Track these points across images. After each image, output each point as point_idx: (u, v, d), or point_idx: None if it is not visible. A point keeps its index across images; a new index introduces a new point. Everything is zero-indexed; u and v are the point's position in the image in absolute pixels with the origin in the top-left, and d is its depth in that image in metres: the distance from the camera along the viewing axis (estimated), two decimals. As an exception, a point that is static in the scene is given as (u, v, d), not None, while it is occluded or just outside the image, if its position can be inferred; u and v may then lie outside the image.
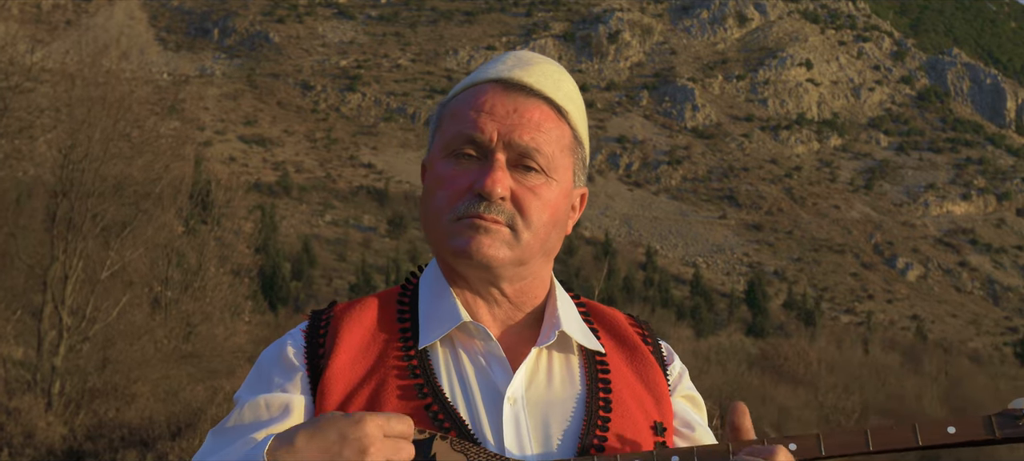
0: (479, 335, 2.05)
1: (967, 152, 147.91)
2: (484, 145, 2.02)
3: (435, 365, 2.03)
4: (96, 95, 28.60)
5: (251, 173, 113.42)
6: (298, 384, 2.02)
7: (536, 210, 2.03)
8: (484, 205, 2.00)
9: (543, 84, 2.07)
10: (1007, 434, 1.93)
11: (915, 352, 73.91)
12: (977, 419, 1.94)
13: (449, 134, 2.06)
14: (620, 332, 2.19)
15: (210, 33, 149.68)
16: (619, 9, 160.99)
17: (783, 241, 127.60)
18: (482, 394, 2.01)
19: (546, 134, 2.04)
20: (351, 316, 2.08)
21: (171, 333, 30.83)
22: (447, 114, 2.10)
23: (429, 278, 2.13)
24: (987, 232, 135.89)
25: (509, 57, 2.14)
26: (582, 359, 2.11)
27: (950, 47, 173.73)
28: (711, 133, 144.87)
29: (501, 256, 2.02)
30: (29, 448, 22.58)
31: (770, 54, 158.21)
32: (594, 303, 2.24)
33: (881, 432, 1.92)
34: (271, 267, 77.54)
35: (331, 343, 2.04)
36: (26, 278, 29.86)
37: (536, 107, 2.05)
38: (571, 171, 2.11)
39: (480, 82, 2.09)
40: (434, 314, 2.07)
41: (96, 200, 27.55)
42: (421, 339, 2.04)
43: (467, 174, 2.03)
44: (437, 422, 1.95)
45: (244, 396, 2.04)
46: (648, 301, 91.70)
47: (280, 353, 2.07)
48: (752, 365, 53.91)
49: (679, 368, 2.22)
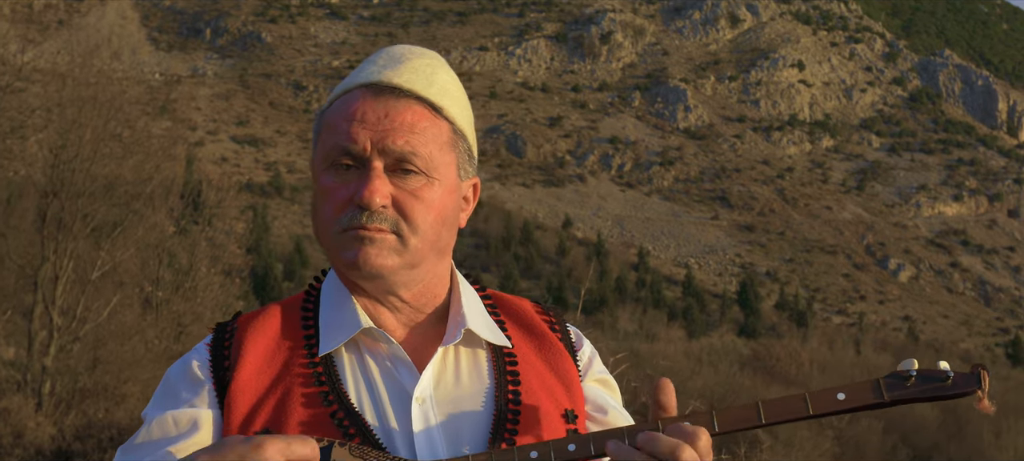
0: (382, 339, 2.03)
1: (959, 153, 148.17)
2: (359, 155, 1.98)
3: (341, 372, 2.01)
4: (87, 95, 28.52)
5: (243, 173, 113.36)
6: (206, 398, 1.99)
7: (420, 213, 2.01)
8: (366, 215, 1.97)
9: (413, 82, 2.03)
10: (895, 396, 1.93)
11: (907, 353, 73.85)
12: (866, 384, 1.93)
13: (327, 146, 2.02)
14: (527, 321, 2.16)
15: (202, 33, 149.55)
16: (611, 10, 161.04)
17: (775, 242, 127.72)
18: (390, 397, 1.99)
19: (421, 135, 2.01)
20: (255, 326, 2.05)
21: (162, 334, 30.72)
22: (324, 124, 2.06)
23: (330, 285, 2.10)
24: (978, 233, 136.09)
25: (381, 56, 2.09)
26: (490, 354, 2.09)
27: (942, 48, 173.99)
28: (703, 134, 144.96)
29: (390, 264, 2.00)
30: (18, 448, 22.52)
31: (762, 55, 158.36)
32: (500, 294, 2.22)
33: (772, 404, 1.93)
34: (263, 267, 77.51)
35: (236, 355, 2.01)
36: (16, 278, 29.78)
37: (407, 108, 2.01)
38: (454, 166, 2.07)
39: (351, 88, 2.04)
40: (335, 321, 2.04)
41: (87, 200, 27.48)
42: (322, 346, 2.02)
43: (346, 186, 1.99)
44: (343, 429, 1.93)
45: (152, 412, 2.02)
46: (640, 302, 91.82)
47: (186, 368, 2.04)
48: (744, 366, 53.93)
49: (589, 353, 2.19)
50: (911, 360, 1.95)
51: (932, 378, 1.94)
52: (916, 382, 1.93)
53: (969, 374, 1.96)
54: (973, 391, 1.94)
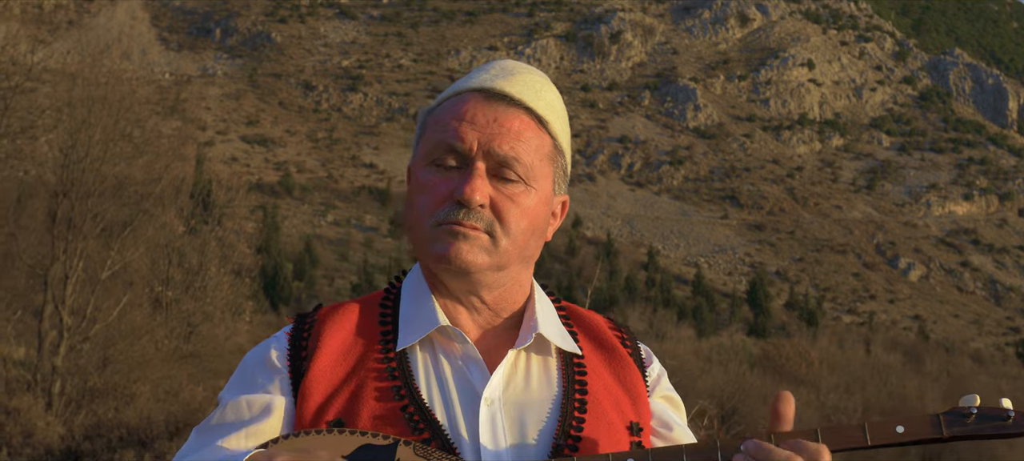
0: (457, 338, 2.08)
1: (969, 152, 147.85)
2: (464, 153, 2.05)
3: (414, 368, 2.06)
4: (97, 95, 28.55)
5: (253, 173, 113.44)
6: (279, 386, 2.05)
7: (515, 217, 2.06)
8: (463, 212, 2.03)
9: (524, 94, 2.09)
10: (954, 433, 1.92)
11: (917, 352, 73.85)
12: (925, 418, 1.94)
13: (431, 142, 2.09)
14: (599, 335, 2.21)
15: (212, 33, 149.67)
16: (621, 9, 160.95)
17: (785, 241, 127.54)
18: (459, 396, 2.03)
19: (526, 143, 2.07)
20: (334, 320, 2.11)
21: (172, 333, 30.78)
22: (430, 122, 2.13)
23: (411, 283, 2.17)
24: (989, 232, 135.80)
25: (493, 66, 2.16)
26: (560, 361, 2.13)
27: (952, 47, 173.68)
28: (713, 133, 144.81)
29: (479, 261, 2.05)
30: (28, 448, 22.53)
31: (772, 54, 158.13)
32: (575, 307, 2.26)
33: (831, 432, 1.92)
34: (273, 267, 77.54)
35: (313, 346, 2.07)
36: (27, 278, 29.83)
37: (516, 117, 2.08)
38: (551, 179, 2.13)
39: (463, 91, 2.11)
40: (413, 318, 2.10)
41: (97, 200, 27.49)
42: (399, 342, 2.07)
43: (448, 182, 2.06)
44: (413, 423, 1.98)
45: (227, 396, 2.07)
46: (650, 301, 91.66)
47: (264, 355, 2.10)
48: (754, 365, 53.81)
49: (658, 370, 2.24)
50: (973, 396, 1.94)
51: (993, 417, 1.94)
52: (976, 420, 1.93)
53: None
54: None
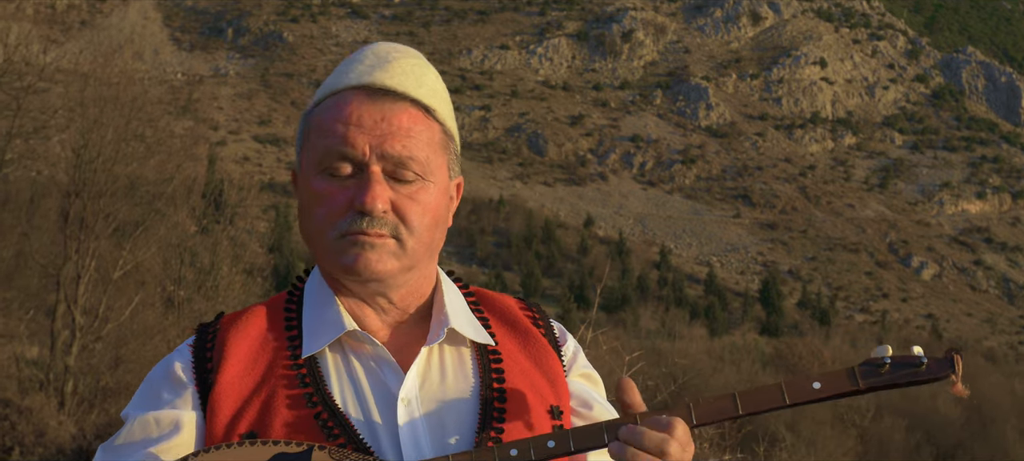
0: (366, 341, 2.03)
1: (982, 150, 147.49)
2: (358, 160, 1.98)
3: (325, 373, 2.00)
4: (109, 95, 28.61)
5: (265, 173, 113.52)
6: (188, 400, 1.99)
7: (417, 216, 2.01)
8: (367, 221, 1.97)
9: (406, 84, 2.02)
10: (870, 383, 1.94)
11: (930, 351, 73.54)
12: (841, 372, 1.94)
13: (320, 149, 2.01)
14: (511, 318, 2.17)
15: (224, 33, 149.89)
16: (633, 8, 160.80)
17: (797, 240, 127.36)
18: (375, 398, 1.98)
19: (417, 138, 2.00)
20: (238, 327, 2.04)
21: (184, 333, 30.73)
22: (314, 126, 2.05)
23: (313, 285, 2.11)
24: (1002, 231, 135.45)
25: (367, 55, 2.07)
26: (474, 351, 2.09)
27: (965, 45, 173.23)
28: (725, 132, 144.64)
29: (389, 268, 2.00)
30: (40, 447, 22.58)
31: (784, 53, 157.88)
32: (483, 291, 2.22)
33: (749, 395, 1.92)
34: (285, 266, 77.68)
35: (219, 356, 2.00)
36: (39, 278, 29.91)
37: (403, 111, 2.00)
38: (446, 167, 2.08)
39: (341, 89, 2.03)
40: (319, 322, 2.04)
41: (109, 200, 27.55)
42: (306, 348, 2.01)
43: (344, 190, 1.99)
44: (327, 430, 1.93)
45: (133, 412, 2.00)
46: (662, 300, 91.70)
47: (168, 369, 2.03)
48: (766, 364, 53.79)
49: (573, 348, 2.20)
50: (885, 346, 1.98)
51: (906, 364, 1.96)
52: (890, 369, 1.95)
53: (943, 359, 1.98)
54: (947, 376, 1.95)
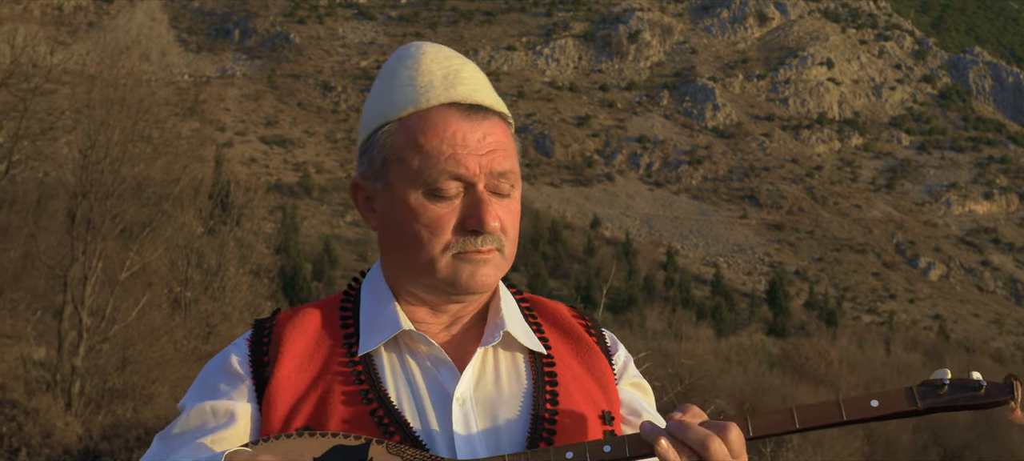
0: (421, 341, 2.06)
1: (989, 151, 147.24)
2: (467, 180, 2.01)
3: (380, 371, 2.03)
4: (116, 96, 28.65)
5: (271, 174, 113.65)
6: (244, 392, 2.02)
7: (513, 225, 2.07)
8: (480, 239, 2.01)
9: (489, 98, 2.07)
10: (928, 405, 1.94)
11: (937, 352, 73.62)
12: (899, 392, 1.95)
13: (425, 170, 2.01)
14: (564, 325, 2.20)
15: (231, 34, 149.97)
16: (639, 9, 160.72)
17: (804, 241, 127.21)
18: (430, 397, 2.02)
19: (510, 151, 2.07)
20: (294, 324, 2.07)
21: (190, 334, 30.83)
22: (405, 143, 2.03)
23: (371, 286, 2.14)
24: (1009, 231, 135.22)
25: (429, 66, 2.07)
26: (528, 355, 2.12)
27: (972, 45, 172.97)
28: (732, 133, 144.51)
29: (495, 280, 2.06)
30: (46, 448, 22.61)
31: (791, 53, 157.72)
32: (538, 298, 2.25)
33: (807, 409, 1.94)
34: (292, 268, 77.70)
35: (275, 351, 2.04)
36: (47, 279, 29.97)
37: (495, 126, 2.05)
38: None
39: (431, 106, 2.04)
40: (375, 321, 2.07)
41: (116, 201, 27.60)
42: (362, 345, 2.05)
43: (453, 211, 2.01)
44: (383, 427, 1.96)
45: (189, 403, 2.04)
46: (669, 301, 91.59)
47: (225, 362, 2.06)
48: (773, 365, 53.78)
49: (624, 357, 2.23)
50: (944, 369, 1.96)
51: (965, 387, 1.94)
52: (949, 391, 1.94)
53: (1002, 384, 1.95)
54: (1006, 401, 1.94)
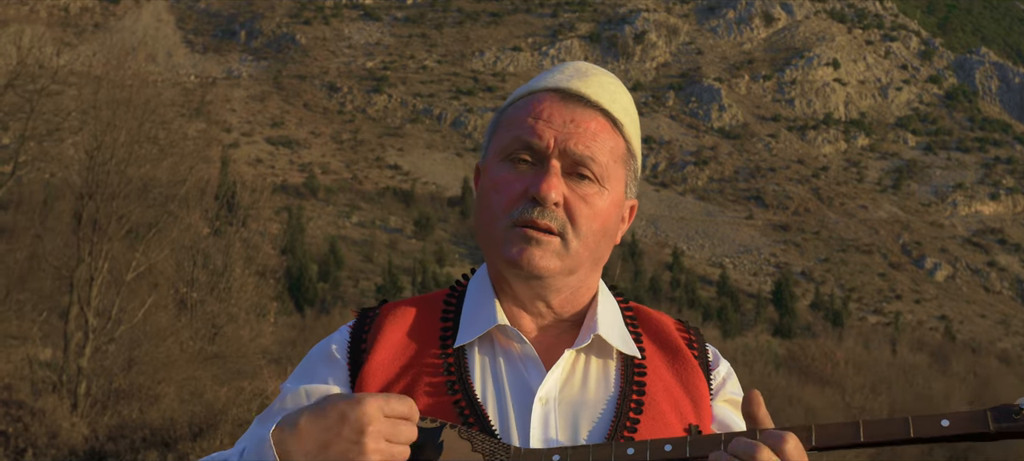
0: (515, 338, 2.09)
1: (995, 151, 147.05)
2: (541, 151, 2.06)
3: (470, 365, 2.07)
4: (122, 97, 28.71)
5: (277, 175, 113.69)
6: (340, 377, 2.09)
7: (587, 218, 2.07)
8: (538, 211, 2.04)
9: (600, 95, 2.12)
10: (1001, 429, 1.89)
11: (943, 352, 73.53)
12: (972, 413, 1.91)
13: (506, 140, 2.10)
14: (665, 337, 2.20)
15: (237, 35, 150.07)
16: (645, 9, 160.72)
17: (810, 241, 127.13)
18: (513, 393, 2.05)
19: (601, 144, 2.08)
20: (396, 315, 2.14)
21: (197, 334, 30.89)
22: (504, 120, 2.14)
23: (476, 283, 2.18)
24: (1016, 232, 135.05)
25: (568, 67, 2.18)
26: (620, 363, 2.13)
27: (978, 46, 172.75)
28: (738, 133, 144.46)
29: (551, 267, 2.06)
30: (52, 448, 22.64)
31: (797, 54, 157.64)
32: (643, 308, 2.26)
33: (873, 424, 1.91)
34: (297, 268, 77.74)
35: (373, 339, 2.10)
36: (53, 279, 30.03)
37: (593, 118, 2.09)
38: (623, 182, 2.14)
39: (537, 90, 2.13)
40: (474, 317, 2.11)
41: (122, 202, 27.64)
42: (458, 339, 2.09)
43: (522, 179, 2.07)
44: (463, 418, 2.00)
45: (289, 386, 2.11)
46: (674, 302, 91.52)
47: (326, 348, 2.14)
48: (779, 366, 53.73)
49: (724, 373, 2.22)
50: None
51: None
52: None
53: None
54: None
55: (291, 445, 1.85)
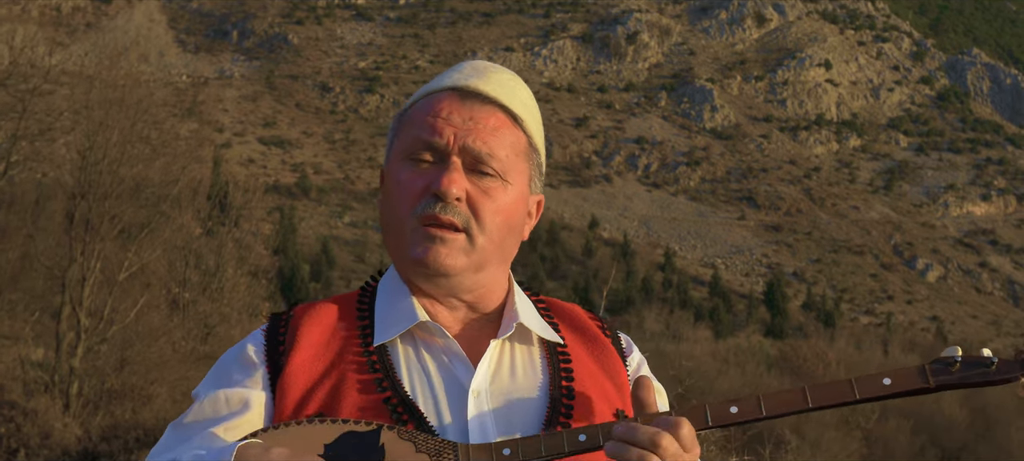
0: (437, 333, 2.09)
1: (987, 152, 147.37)
2: (441, 149, 2.06)
3: (395, 362, 2.06)
4: (115, 97, 28.68)
5: (270, 175, 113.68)
6: (258, 381, 2.05)
7: (490, 213, 2.08)
8: (441, 206, 2.05)
9: (498, 92, 2.12)
10: (940, 382, 1.97)
11: (935, 353, 73.35)
12: (911, 369, 1.97)
13: (407, 140, 2.11)
14: (580, 325, 2.23)
15: (229, 35, 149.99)
16: (637, 10, 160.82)
17: (802, 242, 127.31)
18: (445, 390, 2.04)
19: (501, 139, 2.09)
20: (311, 316, 2.11)
21: (189, 334, 30.86)
22: (405, 121, 2.14)
23: (388, 282, 2.18)
24: (1007, 233, 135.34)
25: (466, 66, 2.17)
26: (544, 351, 2.15)
27: (970, 47, 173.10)
28: (730, 134, 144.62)
29: (458, 264, 2.07)
30: (45, 449, 22.63)
31: (789, 55, 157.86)
32: (554, 300, 2.28)
33: (819, 389, 1.95)
34: (290, 268, 77.72)
35: (291, 341, 2.07)
36: (45, 280, 29.97)
37: (491, 114, 2.10)
38: (527, 176, 2.15)
39: (436, 91, 2.13)
40: (390, 314, 2.11)
41: (114, 202, 27.62)
42: (377, 336, 2.08)
43: (424, 176, 2.07)
44: (396, 415, 1.98)
45: (203, 391, 2.07)
46: (667, 302, 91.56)
47: (240, 352, 2.12)
48: (771, 367, 53.78)
49: (638, 359, 2.25)
50: (955, 347, 2.00)
51: (976, 364, 1.99)
52: (961, 368, 1.98)
53: (1013, 361, 2.01)
54: (1016, 377, 1.99)
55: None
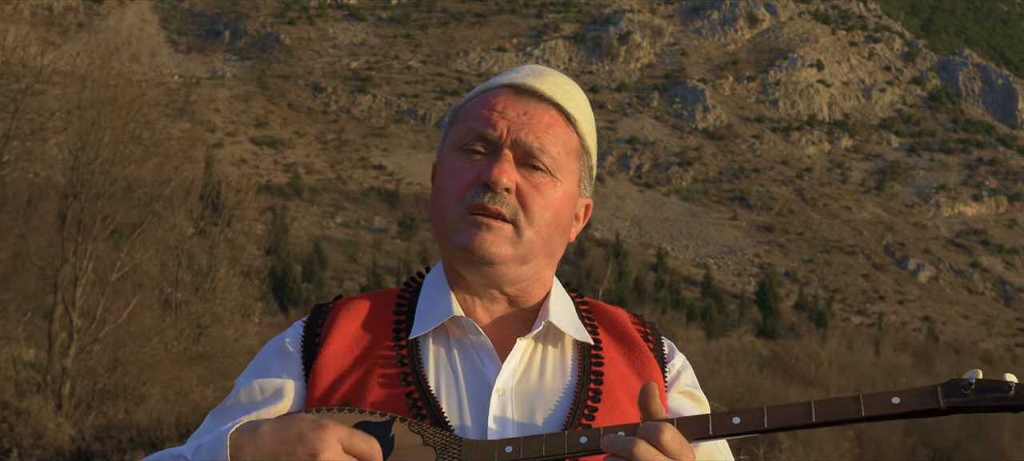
0: (470, 329, 2.10)
1: (978, 153, 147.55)
2: (494, 141, 2.09)
3: (424, 357, 2.09)
4: (107, 97, 28.67)
5: (262, 175, 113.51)
6: (293, 370, 2.10)
7: (539, 207, 2.09)
8: (490, 195, 2.06)
9: (554, 92, 2.15)
10: (952, 404, 1.88)
11: (926, 353, 73.68)
12: (923, 390, 1.90)
13: (461, 132, 2.14)
14: (620, 329, 2.22)
15: (221, 35, 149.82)
16: (629, 10, 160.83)
17: (794, 242, 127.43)
18: (469, 385, 2.06)
19: (553, 136, 2.11)
20: (350, 309, 2.15)
21: (181, 335, 30.86)
22: (460, 115, 2.18)
23: (432, 278, 2.20)
24: (999, 233, 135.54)
25: (524, 67, 2.21)
26: (577, 352, 2.14)
27: (961, 48, 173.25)
28: (722, 134, 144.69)
29: (503, 253, 2.07)
30: (38, 449, 22.61)
31: (781, 55, 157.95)
32: (598, 303, 2.27)
33: (825, 404, 1.90)
34: (282, 269, 77.68)
35: (327, 332, 2.11)
36: (37, 280, 29.93)
37: (546, 112, 2.12)
38: (577, 176, 2.18)
39: (493, 87, 2.17)
40: (428, 309, 2.13)
41: (107, 202, 27.61)
42: (413, 330, 2.11)
43: (475, 167, 2.09)
44: (416, 410, 2.00)
45: (242, 381, 2.13)
46: (659, 302, 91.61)
47: (279, 343, 2.16)
48: (763, 367, 53.79)
49: (679, 365, 2.23)
50: (976, 370, 1.90)
51: (993, 389, 1.88)
52: (975, 391, 1.88)
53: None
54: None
55: (246, 450, 1.86)
